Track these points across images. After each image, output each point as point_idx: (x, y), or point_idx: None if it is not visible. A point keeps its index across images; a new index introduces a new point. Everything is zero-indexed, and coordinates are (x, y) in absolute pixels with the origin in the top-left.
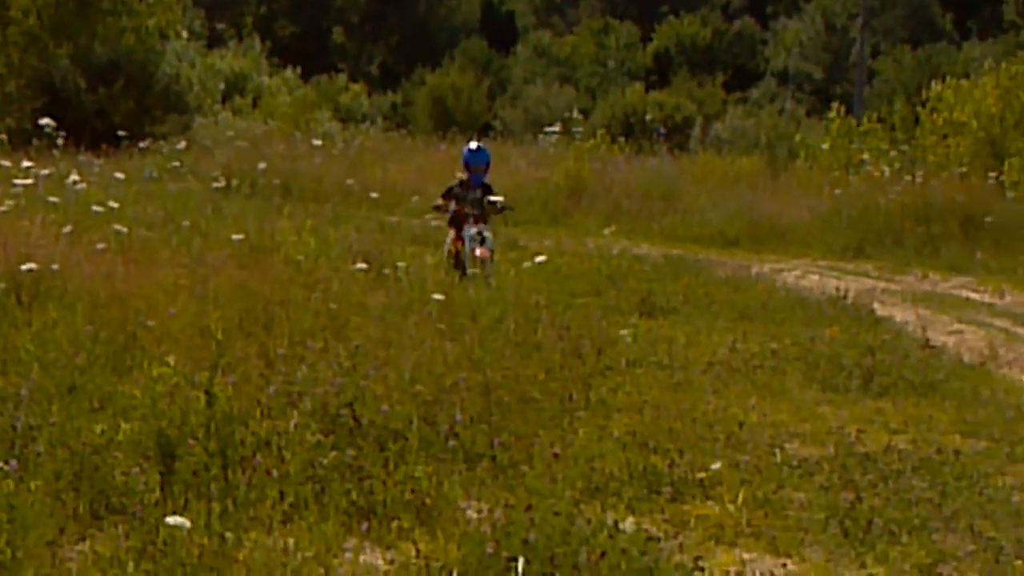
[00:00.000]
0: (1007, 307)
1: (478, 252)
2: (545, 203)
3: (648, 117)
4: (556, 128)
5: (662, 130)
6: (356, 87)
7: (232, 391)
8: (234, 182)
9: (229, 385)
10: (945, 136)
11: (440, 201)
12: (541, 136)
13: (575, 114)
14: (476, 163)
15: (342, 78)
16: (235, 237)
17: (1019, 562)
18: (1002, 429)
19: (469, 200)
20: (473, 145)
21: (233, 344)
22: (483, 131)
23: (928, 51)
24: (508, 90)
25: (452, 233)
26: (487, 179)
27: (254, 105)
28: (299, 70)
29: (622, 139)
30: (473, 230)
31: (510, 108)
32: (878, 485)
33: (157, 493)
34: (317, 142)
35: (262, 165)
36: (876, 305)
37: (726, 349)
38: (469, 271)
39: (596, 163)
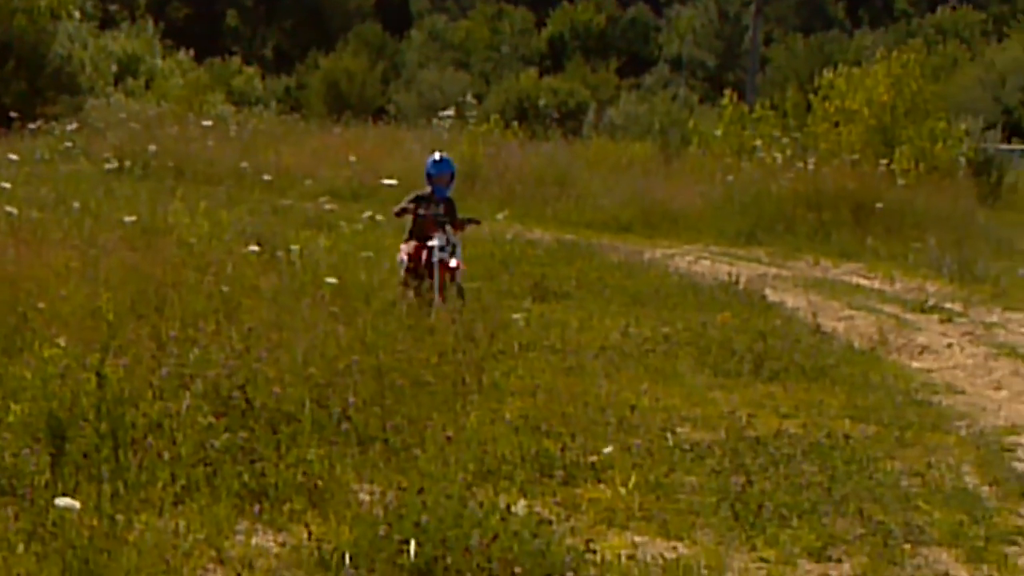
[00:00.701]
0: (897, 293)
1: (452, 263)
2: None
3: (542, 102)
4: (450, 113)
5: (555, 114)
6: (250, 70)
7: (123, 373)
8: (126, 164)
9: (120, 367)
10: (837, 124)
11: (406, 204)
12: (435, 121)
13: (469, 99)
14: (439, 173)
15: (236, 61)
16: (127, 219)
17: (907, 545)
18: (891, 414)
19: (432, 213)
20: (436, 156)
21: (125, 326)
22: (377, 115)
23: (820, 39)
24: (402, 74)
25: (409, 245)
26: (451, 192)
27: (147, 87)
28: (192, 52)
29: (516, 124)
30: (442, 239)
31: (404, 92)
32: (769, 469)
33: (47, 475)
34: (208, 123)
35: (154, 147)
36: (768, 291)
37: (618, 334)
38: (435, 302)
39: (490, 148)
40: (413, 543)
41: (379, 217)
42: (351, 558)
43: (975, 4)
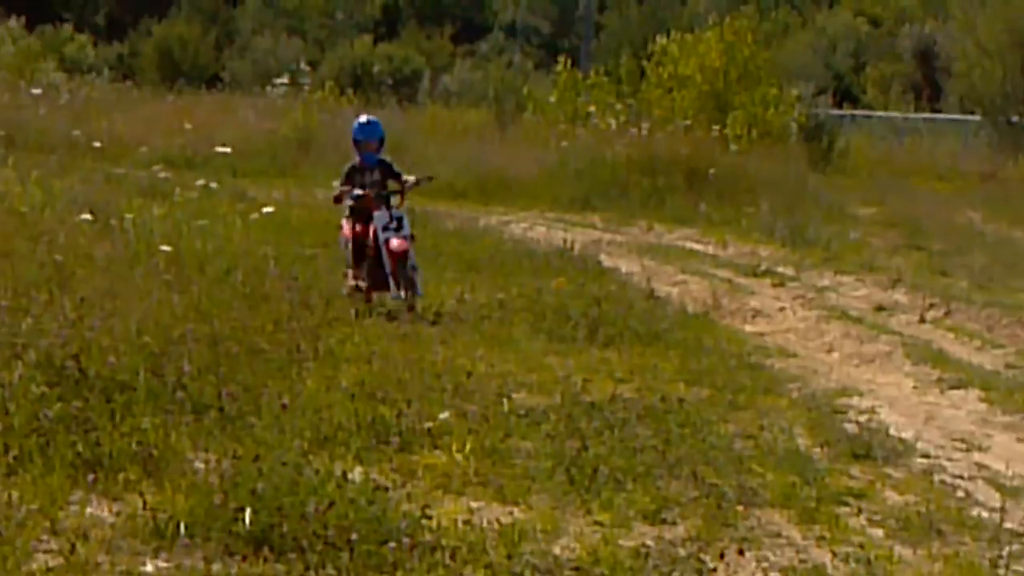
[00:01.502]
0: (730, 258)
1: (394, 243)
2: (274, 155)
3: (376, 69)
4: (284, 80)
5: (389, 81)
6: (82, 37)
7: None
8: None
9: None
10: (670, 90)
11: (340, 188)
12: (269, 88)
13: (303, 66)
14: (367, 138)
15: (67, 28)
16: None
17: (741, 507)
18: (724, 377)
19: (368, 183)
20: (363, 119)
21: None
22: (211, 82)
23: (653, 5)
24: (236, 41)
25: (347, 225)
26: (384, 155)
27: None
28: (23, 20)
29: (351, 91)
30: (383, 215)
31: (238, 59)
32: (604, 433)
33: None
34: (37, 91)
35: None
36: (602, 256)
37: (454, 300)
38: (392, 292)
39: (325, 115)
40: (249, 511)
41: (213, 184)
42: (187, 527)
43: None
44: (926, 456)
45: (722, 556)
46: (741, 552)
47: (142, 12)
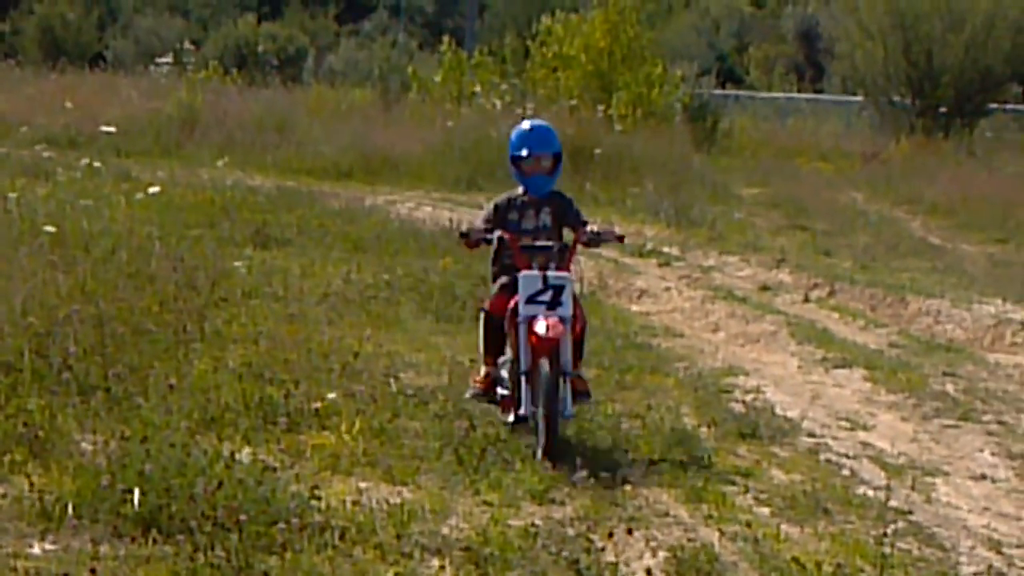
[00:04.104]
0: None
1: (541, 325)
2: (158, 134)
3: (261, 48)
4: (168, 59)
5: (274, 61)
6: None
7: None
8: None
9: None
10: (555, 70)
11: (477, 224)
12: (153, 67)
13: (187, 45)
14: (537, 150)
15: None
16: None
17: (628, 487)
18: (611, 357)
19: (531, 229)
20: (527, 124)
21: None
22: (94, 62)
23: None
24: (119, 20)
25: (497, 289)
26: (556, 184)
27: None
28: None
29: (235, 70)
30: (534, 277)
31: (121, 39)
32: (491, 413)
33: None
34: None
35: None
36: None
37: (340, 280)
38: (524, 409)
39: (209, 94)
40: (137, 492)
41: (97, 164)
42: (74, 509)
43: None
44: (812, 435)
45: (611, 535)
46: (630, 531)
47: None
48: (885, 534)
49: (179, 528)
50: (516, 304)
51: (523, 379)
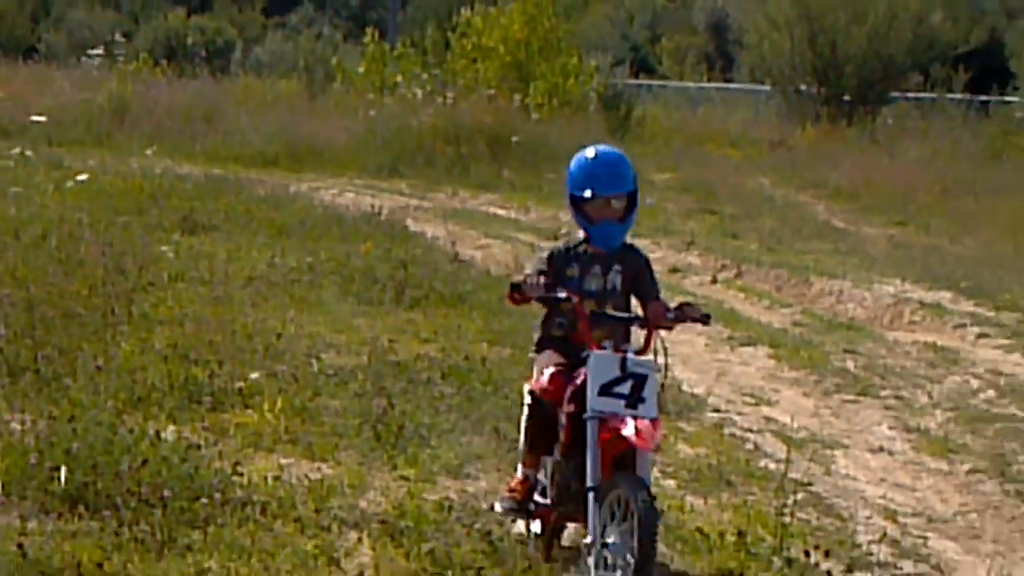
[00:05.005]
0: (532, 222)
1: (629, 428)
2: (89, 124)
3: (190, 41)
4: (99, 51)
5: (203, 53)
6: None
7: None
8: None
9: None
10: (474, 60)
11: (530, 278)
12: (84, 59)
13: (118, 37)
14: (608, 190)
15: None
16: None
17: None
18: (525, 337)
19: (595, 291)
20: (591, 152)
21: None
22: (27, 54)
23: None
24: (52, 13)
25: (539, 364)
26: (630, 234)
27: None
28: None
29: (165, 62)
30: (608, 359)
31: (54, 31)
32: (409, 392)
33: None
34: None
35: None
36: (409, 221)
37: (265, 264)
38: (591, 536)
39: (139, 85)
40: (64, 470)
41: (28, 153)
42: (3, 486)
43: None
44: (717, 410)
45: None
46: None
47: None
48: (785, 505)
49: (105, 504)
50: (577, 393)
51: (591, 496)
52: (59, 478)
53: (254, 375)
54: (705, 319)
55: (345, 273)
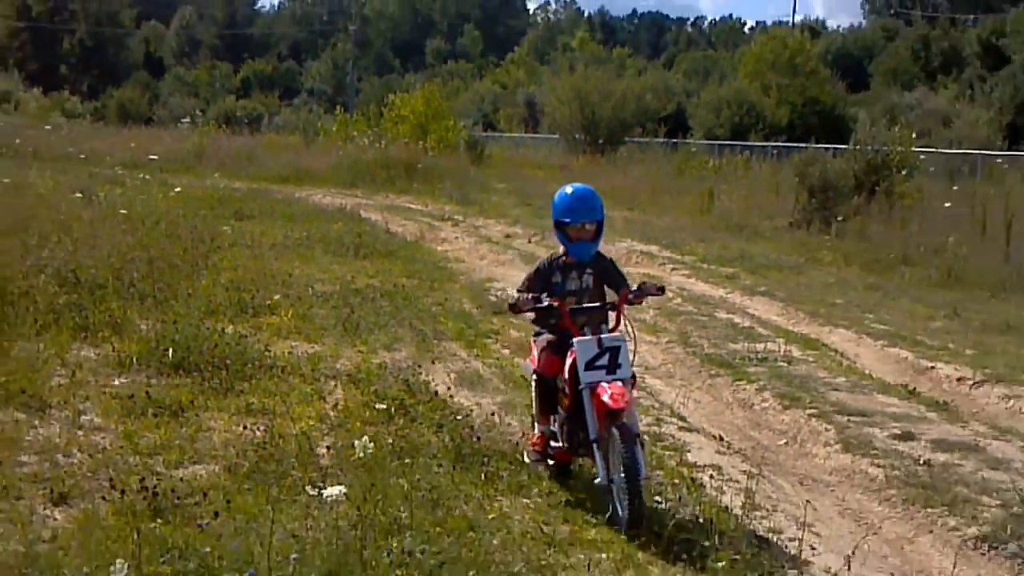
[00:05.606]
0: (430, 211)
1: (607, 394)
2: (182, 161)
3: (238, 113)
4: (187, 120)
5: (245, 120)
6: (74, 98)
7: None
8: (3, 150)
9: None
10: (396, 123)
11: (520, 294)
12: (179, 124)
13: (197, 112)
14: (581, 219)
15: (65, 93)
16: (5, 180)
17: (436, 340)
18: (427, 274)
19: (575, 290)
20: (569, 189)
21: (4, 238)
22: (147, 122)
23: (387, 80)
24: (160, 98)
25: (539, 351)
26: (600, 246)
27: (15, 108)
28: (40, 88)
29: (224, 126)
30: (589, 343)
31: (160, 108)
32: (363, 304)
33: None
34: (48, 127)
35: (19, 140)
36: (361, 212)
37: (282, 237)
38: (601, 477)
39: (209, 139)
40: (171, 350)
41: (148, 177)
42: (136, 360)
43: (465, 59)
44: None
45: (423, 365)
46: (434, 363)
47: (109, 81)
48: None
49: (193, 368)
50: (571, 367)
51: (595, 447)
52: (168, 355)
53: (276, 296)
54: (660, 291)
55: (326, 240)
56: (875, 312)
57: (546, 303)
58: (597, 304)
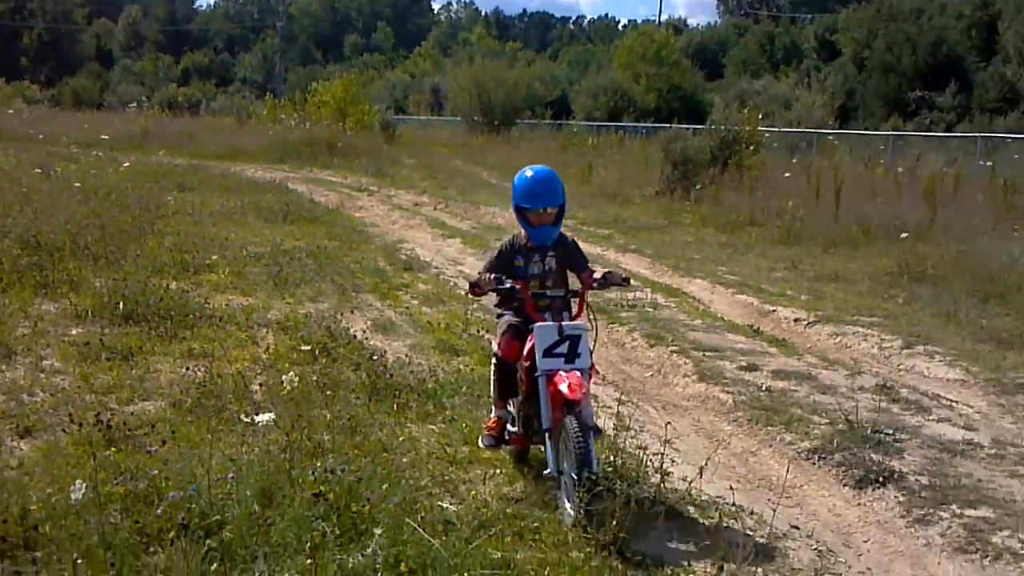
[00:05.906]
0: (348, 184)
1: (564, 384)
2: (130, 140)
3: (180, 99)
4: (134, 105)
5: (185, 104)
6: (33, 86)
7: None
8: None
9: None
10: (319, 107)
11: (482, 275)
12: (127, 108)
13: (143, 98)
14: (541, 204)
15: (26, 82)
16: None
17: (354, 293)
18: (347, 236)
19: (537, 274)
20: (529, 173)
21: None
22: (98, 107)
23: (310, 70)
24: (110, 86)
25: (499, 333)
26: (560, 228)
27: None
28: (3, 79)
29: (167, 110)
30: (549, 329)
31: (111, 95)
32: (291, 263)
33: None
34: (11, 111)
35: None
36: (289, 184)
37: (219, 206)
38: (551, 468)
39: (155, 121)
40: (122, 304)
41: (100, 154)
42: (91, 312)
43: (379, 52)
44: (436, 268)
45: (343, 314)
46: (353, 312)
47: (64, 71)
48: (467, 310)
49: (142, 319)
50: (530, 353)
51: (547, 436)
52: (119, 308)
53: (214, 257)
54: (625, 281)
55: (259, 208)
56: (727, 265)
57: (508, 285)
58: (561, 293)
